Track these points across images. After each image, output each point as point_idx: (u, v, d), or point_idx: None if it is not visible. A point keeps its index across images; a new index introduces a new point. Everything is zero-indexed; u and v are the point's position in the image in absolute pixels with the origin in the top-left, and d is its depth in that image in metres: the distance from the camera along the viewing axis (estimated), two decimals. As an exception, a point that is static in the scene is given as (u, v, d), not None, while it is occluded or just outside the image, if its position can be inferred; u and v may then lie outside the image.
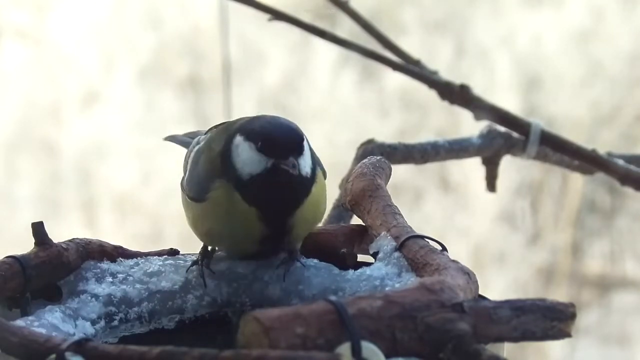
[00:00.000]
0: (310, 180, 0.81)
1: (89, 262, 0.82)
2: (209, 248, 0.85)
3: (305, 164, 0.79)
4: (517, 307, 0.69)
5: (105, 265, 0.83)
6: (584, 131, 2.16)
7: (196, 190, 0.83)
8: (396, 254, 0.79)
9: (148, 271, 0.83)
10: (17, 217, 2.07)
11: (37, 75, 2.16)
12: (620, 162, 1.19)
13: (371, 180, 0.86)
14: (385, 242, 0.81)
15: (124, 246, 0.86)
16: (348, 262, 0.85)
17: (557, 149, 1.20)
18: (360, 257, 0.86)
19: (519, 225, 2.20)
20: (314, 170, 0.81)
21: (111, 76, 2.18)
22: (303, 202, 0.81)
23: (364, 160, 0.89)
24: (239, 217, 0.80)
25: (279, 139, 0.78)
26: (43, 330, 0.74)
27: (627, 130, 2.21)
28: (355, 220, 0.89)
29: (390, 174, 0.89)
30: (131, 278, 0.82)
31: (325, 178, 0.84)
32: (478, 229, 2.17)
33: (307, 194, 0.81)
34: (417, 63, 1.19)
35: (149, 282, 0.82)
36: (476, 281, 0.75)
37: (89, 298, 0.80)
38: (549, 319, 0.70)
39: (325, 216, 1.10)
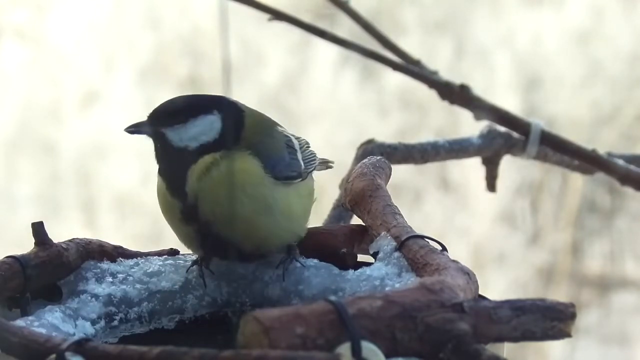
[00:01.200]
0: (197, 152, 0.82)
1: (89, 262, 0.82)
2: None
3: (180, 137, 0.83)
4: (517, 307, 0.69)
5: (105, 265, 0.83)
6: (584, 131, 2.16)
7: None
8: (396, 254, 0.79)
9: (148, 271, 0.83)
10: (17, 217, 2.07)
11: (36, 75, 2.16)
12: (620, 162, 1.19)
13: (371, 180, 0.85)
14: (385, 242, 0.81)
15: (124, 246, 0.86)
16: (348, 262, 0.85)
17: (557, 149, 1.20)
18: (360, 257, 0.86)
19: (519, 225, 2.20)
20: (216, 147, 0.82)
21: (111, 76, 2.18)
22: (188, 169, 0.82)
23: (364, 160, 0.89)
24: (160, 192, 0.84)
25: (153, 110, 0.85)
26: (43, 330, 0.74)
27: (627, 130, 2.21)
28: (355, 220, 0.88)
29: (390, 174, 0.89)
30: (131, 278, 0.82)
31: (271, 178, 0.83)
32: (478, 229, 2.17)
33: (189, 161, 0.82)
34: (417, 63, 1.19)
35: (149, 282, 0.82)
36: (476, 281, 0.75)
37: (89, 298, 0.80)
38: (549, 319, 0.70)
39: (325, 216, 1.10)
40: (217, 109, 0.84)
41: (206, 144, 0.83)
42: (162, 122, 0.84)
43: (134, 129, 0.84)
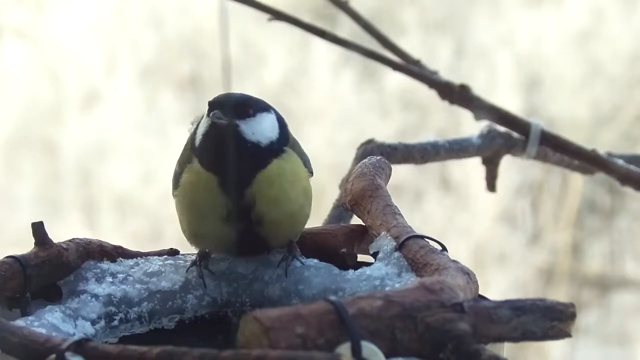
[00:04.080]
0: (267, 151, 0.81)
1: (89, 262, 0.83)
2: (207, 249, 0.85)
3: (253, 131, 0.81)
4: (517, 307, 0.69)
5: (105, 265, 0.83)
6: (584, 131, 2.16)
7: (174, 182, 0.84)
8: (396, 254, 0.79)
9: (148, 271, 0.83)
10: (17, 217, 2.07)
11: (37, 75, 2.16)
12: (620, 162, 1.19)
13: (371, 180, 0.86)
14: (385, 242, 0.81)
15: (124, 246, 0.86)
16: (348, 262, 0.85)
17: (557, 149, 1.20)
18: (360, 257, 0.86)
19: (519, 225, 2.20)
20: (278, 146, 0.82)
21: (112, 76, 2.18)
22: (256, 173, 0.81)
23: (364, 160, 0.89)
24: (202, 189, 0.81)
25: (217, 100, 0.81)
26: (43, 330, 0.74)
27: (627, 130, 2.21)
28: (355, 220, 0.89)
29: (390, 174, 0.89)
30: (131, 278, 0.82)
31: (309, 174, 0.84)
32: (478, 229, 2.17)
33: (259, 163, 0.81)
34: (417, 63, 1.19)
35: (149, 282, 0.82)
36: (476, 281, 0.75)
37: (89, 298, 0.80)
38: (549, 319, 0.70)
39: (325, 216, 1.10)
40: (271, 108, 0.83)
41: (273, 141, 0.82)
42: (234, 114, 0.80)
43: (217, 120, 0.80)
